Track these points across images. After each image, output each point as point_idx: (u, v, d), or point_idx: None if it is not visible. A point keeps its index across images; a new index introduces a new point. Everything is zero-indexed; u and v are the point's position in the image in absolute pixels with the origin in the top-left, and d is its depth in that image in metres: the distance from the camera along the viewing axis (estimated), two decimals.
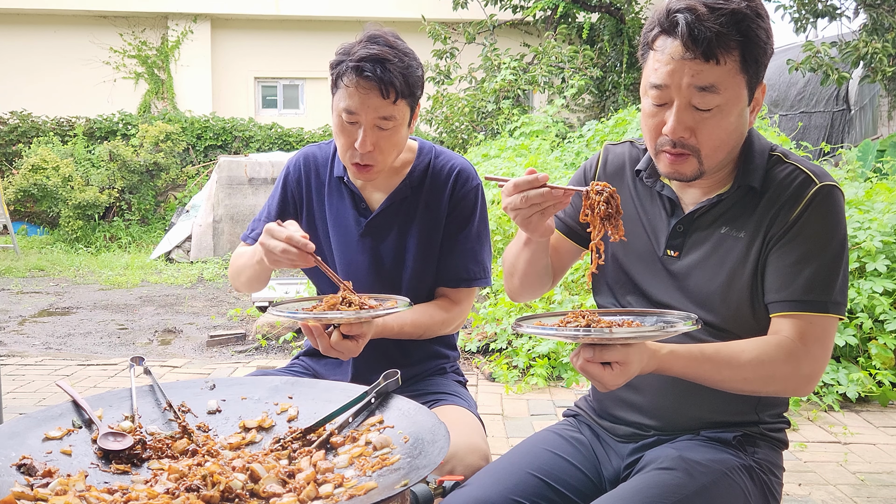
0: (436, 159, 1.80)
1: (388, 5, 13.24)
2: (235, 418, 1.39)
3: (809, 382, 1.29)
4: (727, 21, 1.22)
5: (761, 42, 1.26)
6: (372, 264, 1.76)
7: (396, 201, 1.77)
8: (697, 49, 1.22)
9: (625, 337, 1.11)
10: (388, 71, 1.56)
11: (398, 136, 1.65)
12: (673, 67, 1.25)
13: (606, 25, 11.05)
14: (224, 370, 4.52)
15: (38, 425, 1.26)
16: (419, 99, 1.68)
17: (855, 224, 3.99)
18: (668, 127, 1.28)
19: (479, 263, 1.79)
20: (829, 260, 1.29)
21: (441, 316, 1.75)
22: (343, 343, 1.46)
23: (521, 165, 6.35)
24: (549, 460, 1.44)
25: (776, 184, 1.34)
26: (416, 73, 1.63)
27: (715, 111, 1.26)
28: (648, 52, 1.32)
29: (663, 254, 1.41)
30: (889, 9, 9.03)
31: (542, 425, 3.31)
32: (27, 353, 4.96)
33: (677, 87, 1.26)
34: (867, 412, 3.66)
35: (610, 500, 1.26)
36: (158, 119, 12.03)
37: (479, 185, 1.79)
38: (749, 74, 1.27)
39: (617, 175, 1.52)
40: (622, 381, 1.16)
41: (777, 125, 7.30)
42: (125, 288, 7.65)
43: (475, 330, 4.69)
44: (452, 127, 10.20)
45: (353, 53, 1.59)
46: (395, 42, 1.62)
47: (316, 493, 1.10)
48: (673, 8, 1.26)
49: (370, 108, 1.59)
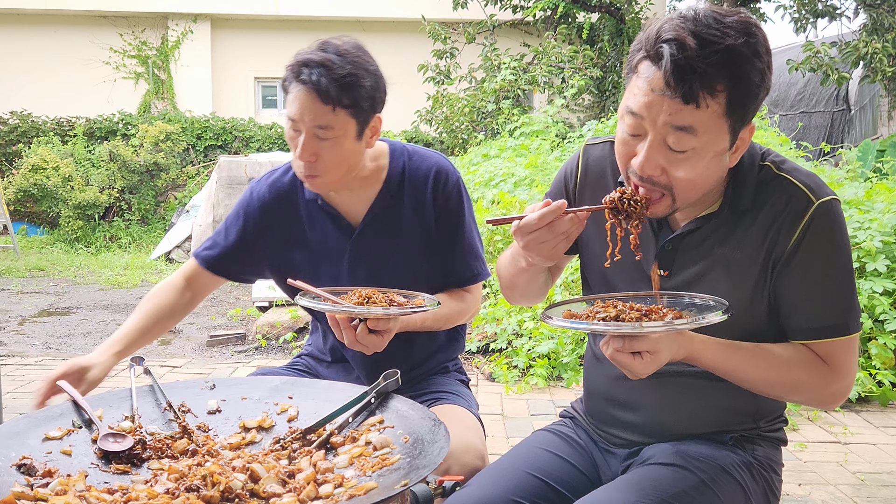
0: (410, 161, 1.73)
1: (388, 5, 13.23)
2: (235, 418, 1.39)
3: (836, 398, 1.28)
4: (718, 61, 1.11)
5: (753, 85, 1.15)
6: (368, 280, 1.68)
7: (379, 212, 1.70)
8: (678, 90, 1.12)
9: (658, 330, 1.09)
10: (325, 77, 1.49)
11: (341, 149, 1.56)
12: (651, 100, 1.15)
13: (606, 25, 11.05)
14: (224, 370, 4.52)
15: (38, 425, 1.26)
16: (370, 112, 1.57)
17: (855, 224, 3.99)
18: (638, 162, 1.19)
19: (478, 258, 1.78)
20: (840, 279, 1.25)
21: (458, 306, 1.74)
22: (369, 337, 1.44)
23: (521, 165, 6.35)
24: (548, 460, 1.43)
25: (770, 200, 1.26)
26: (362, 83, 1.52)
27: (690, 153, 1.16)
28: (632, 75, 1.21)
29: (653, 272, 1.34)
30: (889, 9, 9.03)
31: (541, 425, 3.32)
32: (27, 353, 4.96)
33: (652, 122, 1.16)
34: (867, 412, 3.66)
35: (607, 491, 1.26)
36: (158, 119, 12.02)
37: (458, 178, 1.74)
38: (734, 118, 1.16)
39: (598, 182, 1.42)
40: (652, 370, 1.14)
41: (777, 125, 7.30)
42: (125, 288, 7.65)
43: (475, 330, 4.69)
44: (452, 127, 10.21)
45: (296, 58, 1.53)
46: (349, 52, 1.53)
47: (316, 493, 1.10)
48: (662, 35, 1.14)
49: (307, 114, 1.52)
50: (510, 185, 5.93)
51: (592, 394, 1.52)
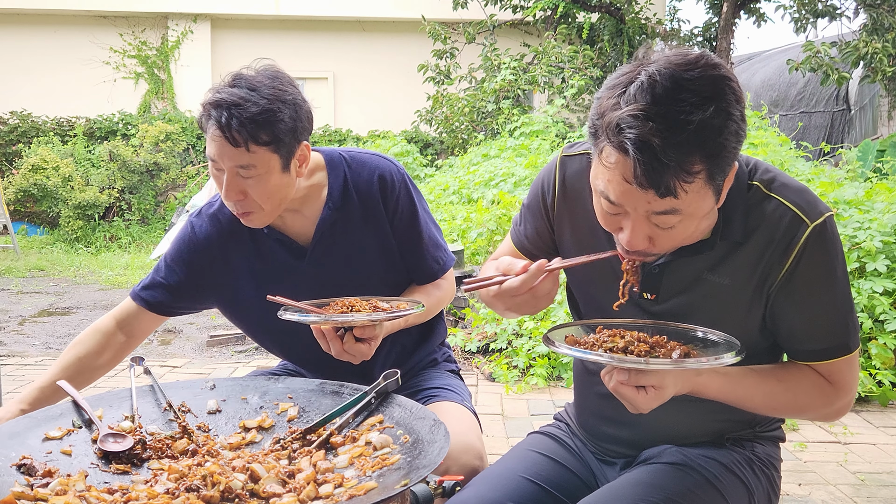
0: (350, 170, 1.66)
1: (388, 5, 13.24)
2: (235, 418, 1.39)
3: (839, 413, 1.29)
4: (688, 142, 1.01)
5: (731, 149, 1.06)
6: (330, 295, 1.59)
7: (327, 228, 1.64)
8: (651, 186, 1.04)
9: (666, 368, 1.06)
10: (235, 118, 1.41)
11: (267, 185, 1.49)
12: (625, 190, 1.07)
13: (606, 25, 11.05)
14: (224, 370, 4.52)
15: (38, 425, 1.26)
16: (294, 141, 1.50)
17: (855, 224, 3.99)
18: (625, 240, 1.14)
19: (441, 248, 1.75)
20: (839, 301, 1.22)
21: (437, 294, 1.73)
22: (356, 346, 1.43)
23: (521, 165, 6.35)
24: (545, 465, 1.43)
25: (762, 226, 1.20)
26: (278, 117, 1.44)
27: (676, 225, 1.11)
28: (595, 151, 1.12)
29: (639, 296, 1.30)
30: (889, 9, 9.04)
31: (541, 426, 3.31)
32: (27, 353, 4.96)
33: (633, 209, 1.10)
34: (867, 412, 3.66)
35: (611, 490, 1.26)
36: (158, 119, 12.03)
37: (403, 176, 1.68)
38: (717, 181, 1.09)
39: (577, 200, 1.36)
40: (656, 405, 1.10)
41: (777, 125, 7.30)
42: (125, 288, 7.65)
43: (475, 330, 4.69)
44: (452, 127, 10.21)
45: (207, 97, 1.47)
46: (262, 84, 1.46)
47: (316, 493, 1.10)
48: (622, 126, 1.03)
49: (225, 156, 1.45)
50: (510, 185, 5.94)
51: (583, 409, 1.49)
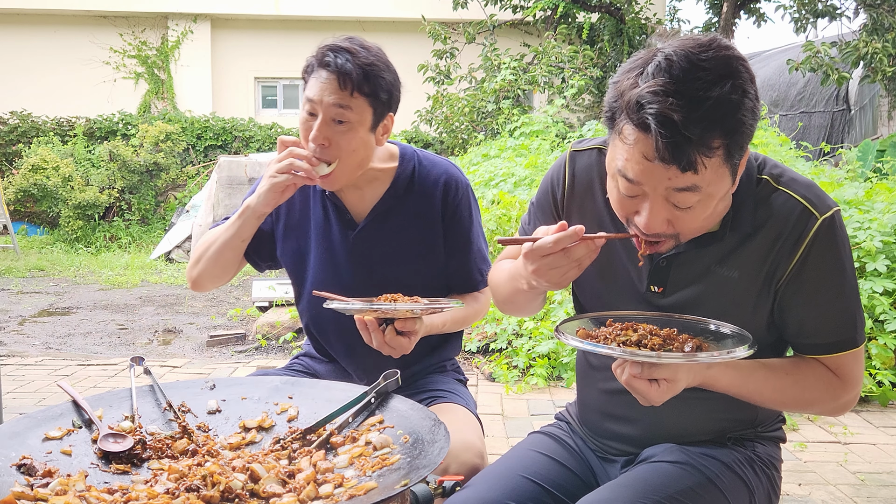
0: (420, 166, 1.75)
1: (388, 5, 13.24)
2: (235, 418, 1.39)
3: (846, 408, 1.29)
4: (708, 118, 1.04)
5: (748, 126, 1.09)
6: (365, 276, 1.72)
7: (381, 211, 1.72)
8: (673, 161, 1.06)
9: (679, 362, 1.07)
10: (347, 62, 1.54)
11: (354, 137, 1.58)
12: (646, 167, 1.09)
13: (606, 25, 11.05)
14: (224, 370, 4.52)
15: (38, 425, 1.26)
16: (387, 107, 1.62)
17: (855, 224, 3.99)
18: (643, 223, 1.15)
19: (486, 261, 1.81)
20: (847, 294, 1.23)
21: (474, 307, 1.78)
22: (397, 339, 1.49)
23: (521, 165, 6.35)
24: (545, 465, 1.43)
25: (771, 219, 1.22)
26: (382, 75, 1.58)
27: (695, 205, 1.13)
28: (613, 134, 1.14)
29: (646, 289, 1.30)
30: (889, 9, 9.04)
31: (541, 425, 3.32)
32: (27, 353, 4.96)
33: (652, 188, 1.11)
34: (867, 412, 3.66)
35: (612, 489, 1.26)
36: (158, 119, 12.03)
37: (467, 186, 1.77)
38: (734, 160, 1.11)
39: (587, 194, 1.37)
40: (668, 398, 1.11)
41: (777, 125, 7.30)
42: (125, 288, 7.65)
43: (475, 330, 4.69)
44: (452, 127, 10.21)
45: (322, 46, 1.60)
46: (371, 46, 1.60)
47: (316, 493, 1.10)
48: (643, 103, 1.05)
49: (326, 94, 1.55)
50: (510, 185, 5.93)
51: (586, 406, 1.50)
